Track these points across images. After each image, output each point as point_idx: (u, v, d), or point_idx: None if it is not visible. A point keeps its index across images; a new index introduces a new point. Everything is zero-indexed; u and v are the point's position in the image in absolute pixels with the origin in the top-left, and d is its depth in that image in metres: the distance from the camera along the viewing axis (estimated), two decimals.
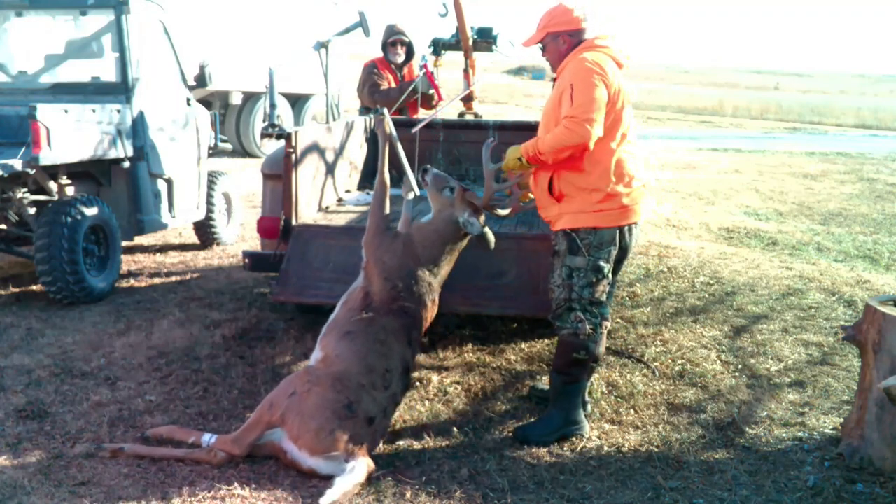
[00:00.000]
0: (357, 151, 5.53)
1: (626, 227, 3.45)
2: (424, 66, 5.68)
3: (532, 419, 3.61)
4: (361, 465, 2.99)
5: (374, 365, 3.26)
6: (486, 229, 3.66)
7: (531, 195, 3.64)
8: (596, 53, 3.35)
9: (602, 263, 3.41)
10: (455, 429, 3.50)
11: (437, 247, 3.59)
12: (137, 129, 5.76)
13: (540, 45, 3.58)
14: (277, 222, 4.25)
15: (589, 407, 3.72)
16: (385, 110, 4.26)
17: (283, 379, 3.34)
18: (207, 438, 3.22)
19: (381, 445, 3.28)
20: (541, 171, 3.48)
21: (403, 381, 3.36)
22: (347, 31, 5.65)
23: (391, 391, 3.27)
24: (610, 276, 3.49)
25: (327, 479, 2.95)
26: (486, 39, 5.76)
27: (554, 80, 3.60)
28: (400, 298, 3.46)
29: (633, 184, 3.39)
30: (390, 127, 3.97)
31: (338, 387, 3.13)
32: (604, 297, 3.48)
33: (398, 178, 5.11)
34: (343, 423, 3.04)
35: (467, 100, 6.01)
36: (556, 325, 3.49)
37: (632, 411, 3.74)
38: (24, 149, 4.82)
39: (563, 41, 3.46)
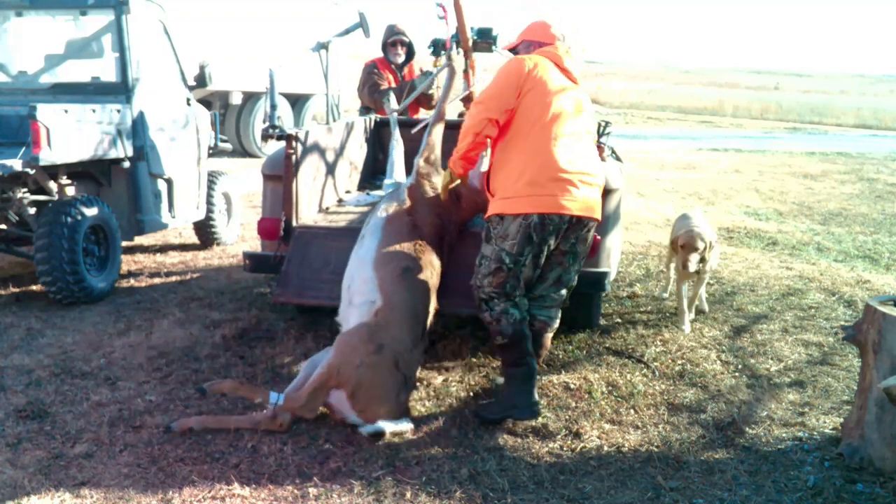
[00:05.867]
0: (357, 152, 5.52)
1: (536, 219, 3.41)
2: (442, 6, 5.47)
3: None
4: (405, 424, 3.40)
5: (420, 314, 3.55)
6: None
7: None
8: (533, 55, 3.61)
9: (504, 256, 3.46)
10: (455, 429, 3.50)
11: (468, 213, 4.17)
12: (137, 129, 5.76)
13: (513, 51, 3.89)
14: (277, 223, 4.25)
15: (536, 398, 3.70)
16: (460, 51, 4.86)
17: (343, 338, 3.43)
18: (275, 398, 3.35)
19: (381, 445, 3.30)
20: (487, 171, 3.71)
21: (431, 319, 3.67)
22: (347, 31, 5.63)
23: (424, 339, 3.60)
24: (519, 269, 3.49)
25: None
26: (485, 40, 5.74)
27: None
28: (444, 238, 3.89)
29: (548, 177, 3.41)
30: (459, 67, 4.71)
31: (400, 363, 3.38)
32: (508, 290, 3.50)
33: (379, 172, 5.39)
34: (401, 399, 3.41)
35: (467, 100, 6.01)
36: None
37: (632, 411, 3.74)
38: (24, 149, 4.82)
39: (534, 49, 3.72)
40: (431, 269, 3.71)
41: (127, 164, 5.73)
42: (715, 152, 17.34)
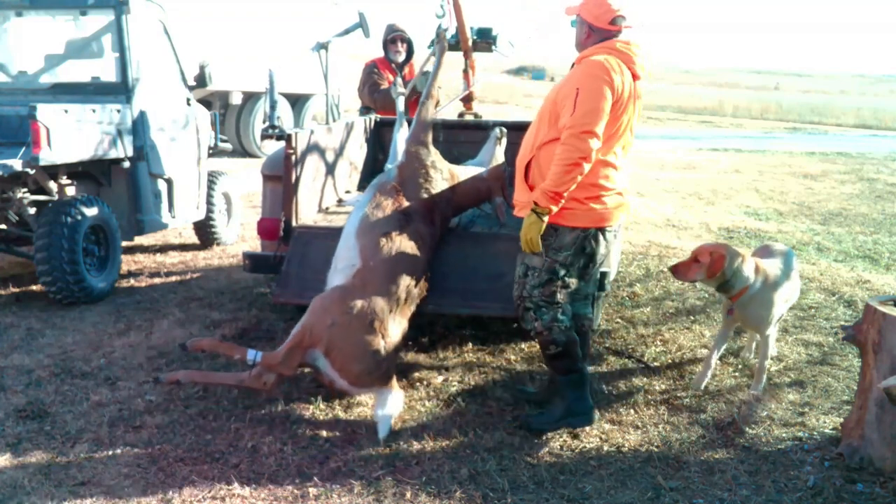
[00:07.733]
0: (357, 152, 5.52)
1: (592, 233, 3.34)
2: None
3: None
4: (397, 398, 3.45)
5: (402, 279, 3.53)
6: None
7: None
8: (611, 57, 3.23)
9: (558, 267, 3.35)
10: (455, 429, 3.50)
11: (467, 198, 4.28)
12: (137, 129, 5.76)
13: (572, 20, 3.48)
14: (277, 223, 4.24)
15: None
16: (446, 27, 4.91)
17: (318, 299, 3.47)
18: (252, 355, 3.40)
19: (381, 446, 3.31)
20: (525, 153, 3.43)
21: (419, 287, 3.67)
22: (347, 31, 5.63)
23: (410, 303, 3.60)
24: (569, 281, 3.39)
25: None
26: (485, 40, 5.74)
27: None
28: (434, 211, 3.96)
29: (607, 191, 3.29)
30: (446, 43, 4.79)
31: (376, 324, 3.38)
32: (558, 299, 3.39)
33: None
34: (380, 363, 3.39)
35: (467, 100, 6.02)
36: (522, 325, 3.50)
37: (632, 411, 3.74)
38: (24, 149, 4.82)
39: (584, 31, 3.38)
40: (418, 238, 3.74)
41: (127, 164, 5.73)
42: (715, 152, 17.34)
